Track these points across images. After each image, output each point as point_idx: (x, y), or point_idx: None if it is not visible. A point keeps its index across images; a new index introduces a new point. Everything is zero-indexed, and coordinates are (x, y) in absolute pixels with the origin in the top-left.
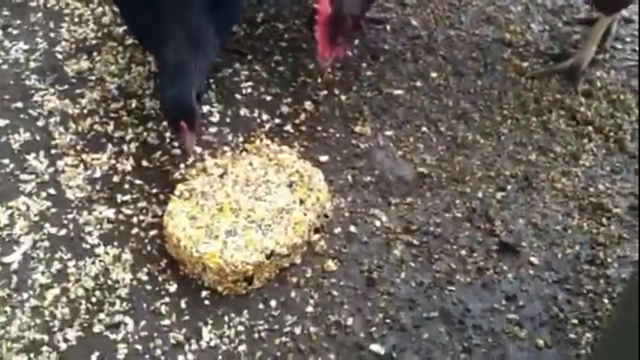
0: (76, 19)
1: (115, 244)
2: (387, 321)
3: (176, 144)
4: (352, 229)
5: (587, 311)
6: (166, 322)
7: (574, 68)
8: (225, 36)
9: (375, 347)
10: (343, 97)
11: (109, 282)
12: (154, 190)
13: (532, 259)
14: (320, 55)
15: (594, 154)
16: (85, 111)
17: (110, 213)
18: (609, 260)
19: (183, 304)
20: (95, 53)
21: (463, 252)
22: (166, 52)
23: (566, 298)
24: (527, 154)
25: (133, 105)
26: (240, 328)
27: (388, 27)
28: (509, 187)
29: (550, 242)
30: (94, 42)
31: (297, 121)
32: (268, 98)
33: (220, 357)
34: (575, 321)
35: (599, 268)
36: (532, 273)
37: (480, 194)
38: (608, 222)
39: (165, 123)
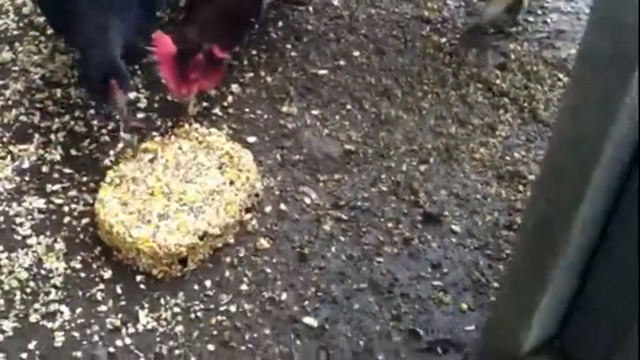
0: None
1: (47, 233)
2: (319, 294)
3: (104, 131)
4: (283, 207)
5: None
6: (102, 308)
7: (477, 27)
8: (151, 19)
9: (309, 320)
10: (269, 79)
11: (43, 272)
12: (84, 179)
13: (454, 227)
14: (174, 94)
15: (510, 124)
16: (10, 102)
17: (41, 203)
18: None
19: (118, 290)
20: (17, 44)
21: (390, 224)
22: (82, 23)
23: (488, 263)
24: (448, 127)
25: (59, 94)
26: (177, 309)
27: (311, 8)
28: (431, 159)
29: (471, 210)
30: (15, 32)
31: (224, 104)
32: None
33: (158, 339)
34: (497, 284)
35: (517, 233)
36: (455, 241)
37: (404, 168)
38: (525, 189)
39: (91, 111)
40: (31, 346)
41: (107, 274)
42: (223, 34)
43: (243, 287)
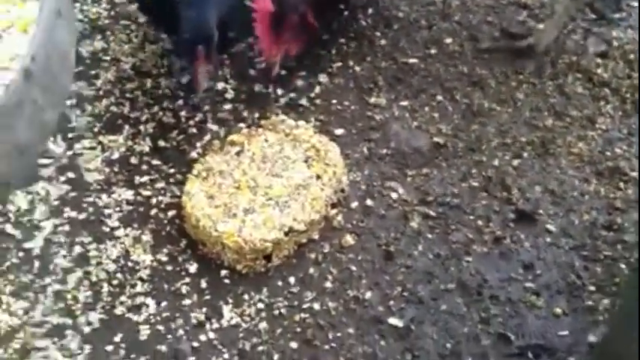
0: None
1: (135, 225)
2: (405, 294)
3: (192, 123)
4: (369, 202)
5: (604, 277)
6: (187, 302)
7: (530, 48)
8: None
9: (394, 320)
10: (357, 68)
11: (130, 264)
12: (172, 171)
13: (549, 226)
14: (265, 53)
15: (611, 116)
16: (101, 92)
17: (129, 195)
18: (626, 225)
19: (203, 284)
20: (109, 33)
21: (480, 222)
22: None
23: (584, 264)
24: (544, 119)
25: (148, 84)
26: (260, 305)
27: None
28: (525, 154)
29: (567, 209)
30: (107, 21)
31: (312, 95)
32: (283, 72)
33: (241, 335)
34: (593, 288)
35: (616, 234)
36: (549, 241)
37: (496, 162)
38: (626, 186)
39: (180, 102)
40: (117, 338)
41: (192, 267)
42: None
43: (328, 285)
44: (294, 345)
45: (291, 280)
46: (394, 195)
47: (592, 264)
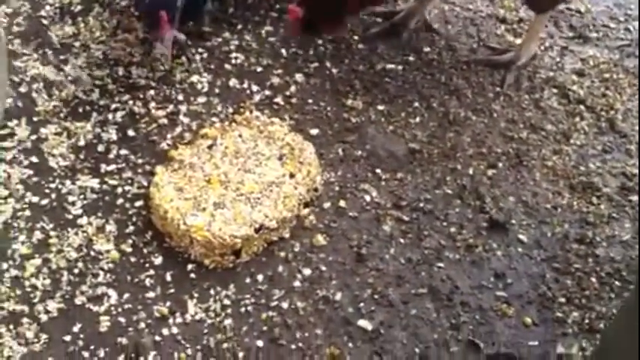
0: None
1: (99, 214)
2: (375, 297)
3: (163, 113)
4: (342, 203)
5: (574, 290)
6: (151, 294)
7: (511, 63)
8: None
9: (363, 323)
10: (335, 70)
11: (92, 253)
12: (140, 161)
13: (521, 237)
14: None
15: (585, 132)
16: (69, 78)
17: (94, 183)
18: (598, 239)
19: (168, 277)
20: (80, 18)
21: (453, 229)
22: None
23: (554, 276)
24: (519, 131)
25: (120, 73)
26: (227, 301)
27: None
28: (500, 164)
29: (540, 220)
30: (79, 7)
31: (287, 93)
32: (259, 69)
33: (206, 331)
34: (563, 300)
35: (587, 247)
36: (521, 251)
37: (470, 171)
38: (598, 201)
39: (151, 92)
40: (76, 329)
41: (157, 260)
42: None
43: (297, 284)
44: (259, 343)
45: (260, 277)
46: (367, 197)
47: (563, 276)
